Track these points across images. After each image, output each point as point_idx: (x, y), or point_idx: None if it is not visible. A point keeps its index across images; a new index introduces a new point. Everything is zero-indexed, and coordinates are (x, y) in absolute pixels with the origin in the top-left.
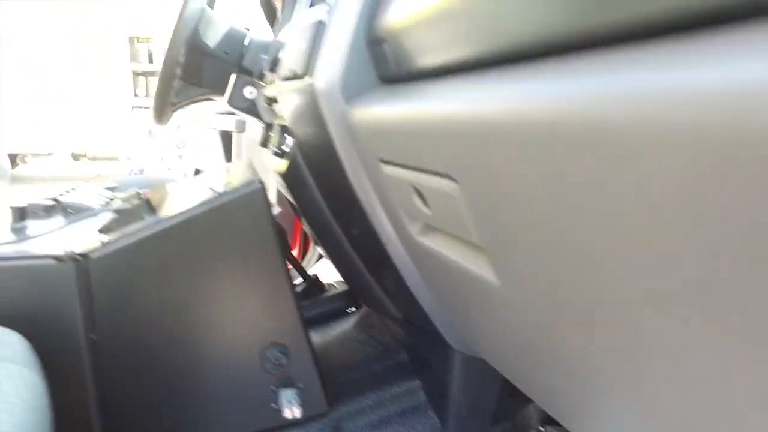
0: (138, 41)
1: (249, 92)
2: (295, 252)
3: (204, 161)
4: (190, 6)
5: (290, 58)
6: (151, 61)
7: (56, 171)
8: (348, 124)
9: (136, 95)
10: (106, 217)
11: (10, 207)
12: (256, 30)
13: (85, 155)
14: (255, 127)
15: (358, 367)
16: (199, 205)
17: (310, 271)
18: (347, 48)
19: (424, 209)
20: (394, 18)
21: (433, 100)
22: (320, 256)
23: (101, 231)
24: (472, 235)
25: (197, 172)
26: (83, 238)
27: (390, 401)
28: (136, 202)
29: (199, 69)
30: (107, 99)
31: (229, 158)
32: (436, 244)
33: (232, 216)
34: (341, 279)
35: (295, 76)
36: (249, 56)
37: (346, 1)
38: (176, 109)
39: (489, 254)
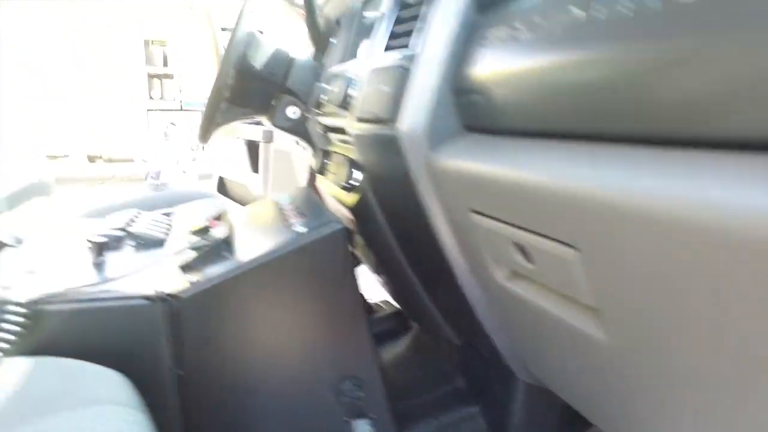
0: (153, 44)
1: (292, 112)
2: None
3: (219, 165)
4: (241, 30)
5: (370, 100)
6: (165, 64)
7: (74, 173)
8: (432, 170)
9: (150, 98)
10: (186, 254)
11: (89, 241)
12: (297, 48)
13: (100, 157)
14: (284, 139)
15: (418, 393)
16: (283, 246)
17: None
18: (433, 96)
19: (524, 263)
20: (490, 73)
21: (552, 164)
22: None
23: (183, 269)
24: (584, 297)
25: (205, 176)
26: (169, 276)
27: (450, 427)
28: (211, 237)
29: (245, 90)
30: (122, 101)
31: (255, 168)
32: (526, 291)
33: (314, 256)
34: (385, 299)
35: (377, 120)
36: (293, 77)
37: (432, 50)
38: (219, 128)
39: (601, 315)
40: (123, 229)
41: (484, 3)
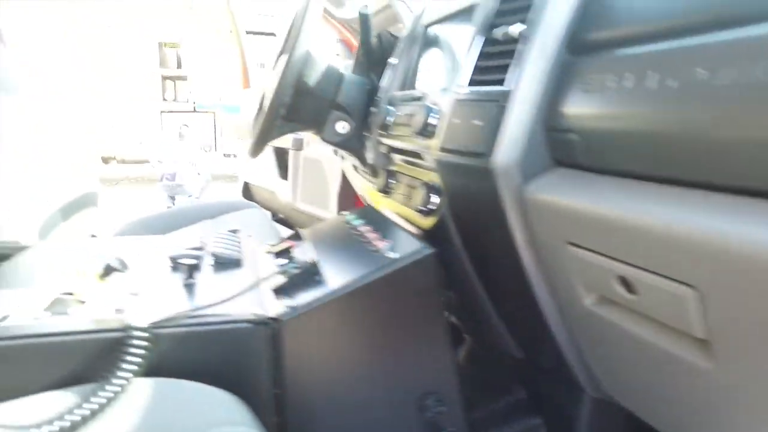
0: (166, 46)
1: (341, 127)
2: None
3: (244, 170)
4: (299, 50)
5: (460, 132)
6: (179, 66)
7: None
8: (525, 202)
9: (164, 99)
10: (278, 278)
11: (177, 262)
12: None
13: (114, 158)
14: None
15: (480, 405)
16: (377, 271)
17: None
18: (527, 132)
19: (624, 293)
20: (590, 114)
21: (667, 209)
22: None
23: (276, 292)
24: (694, 330)
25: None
26: (266, 300)
27: None
28: (297, 260)
29: (299, 107)
30: (136, 103)
31: (283, 174)
32: (617, 317)
33: (406, 279)
34: None
35: (468, 152)
36: (343, 93)
37: (527, 88)
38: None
39: (711, 347)
40: (199, 248)
41: (576, 47)
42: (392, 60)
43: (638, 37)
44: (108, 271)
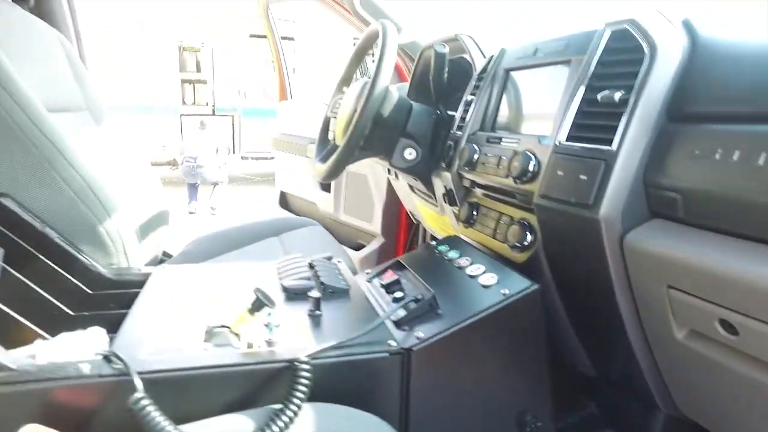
0: (185, 50)
1: (409, 154)
2: None
3: (280, 179)
4: (379, 87)
5: (563, 184)
6: (198, 69)
7: None
8: (626, 248)
9: (184, 103)
10: (399, 311)
11: (311, 296)
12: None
13: None
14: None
15: (558, 419)
16: (492, 305)
17: None
18: (630, 187)
19: (725, 334)
20: (689, 175)
21: None
22: None
23: (398, 324)
24: None
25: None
26: (393, 330)
27: None
28: (411, 294)
29: (373, 137)
30: (157, 106)
31: (323, 186)
32: (712, 353)
33: (516, 312)
34: None
35: (571, 202)
36: (412, 122)
37: (631, 150)
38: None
39: None
40: (309, 278)
41: (675, 116)
42: (468, 97)
43: (738, 116)
44: (258, 306)
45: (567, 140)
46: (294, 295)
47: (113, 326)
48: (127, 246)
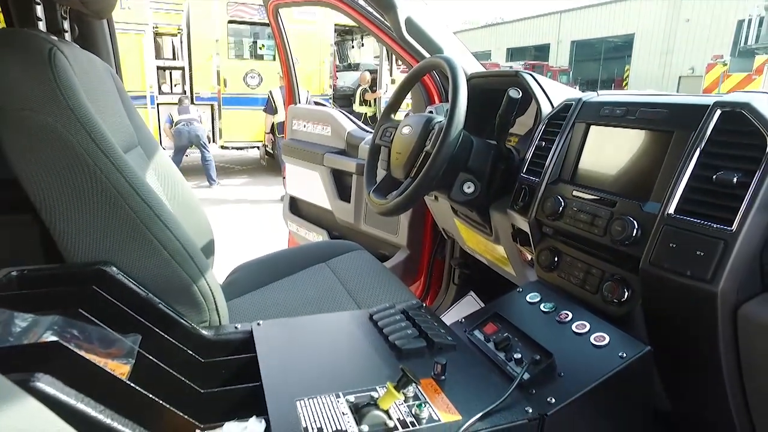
0: (160, 35)
1: (467, 187)
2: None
3: (290, 185)
4: (456, 129)
5: (679, 257)
6: (174, 56)
7: None
8: (740, 319)
9: (161, 92)
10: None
11: (437, 362)
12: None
13: None
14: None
15: None
16: (613, 367)
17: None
18: (748, 264)
19: None
20: None
21: None
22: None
23: (521, 388)
24: None
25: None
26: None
27: None
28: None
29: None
30: (132, 94)
31: (341, 195)
32: None
33: (631, 372)
34: None
35: (692, 276)
36: (473, 158)
37: (751, 233)
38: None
39: None
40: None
41: None
42: (539, 141)
43: None
44: (405, 384)
45: (676, 212)
46: (407, 354)
47: (242, 399)
48: (218, 300)
